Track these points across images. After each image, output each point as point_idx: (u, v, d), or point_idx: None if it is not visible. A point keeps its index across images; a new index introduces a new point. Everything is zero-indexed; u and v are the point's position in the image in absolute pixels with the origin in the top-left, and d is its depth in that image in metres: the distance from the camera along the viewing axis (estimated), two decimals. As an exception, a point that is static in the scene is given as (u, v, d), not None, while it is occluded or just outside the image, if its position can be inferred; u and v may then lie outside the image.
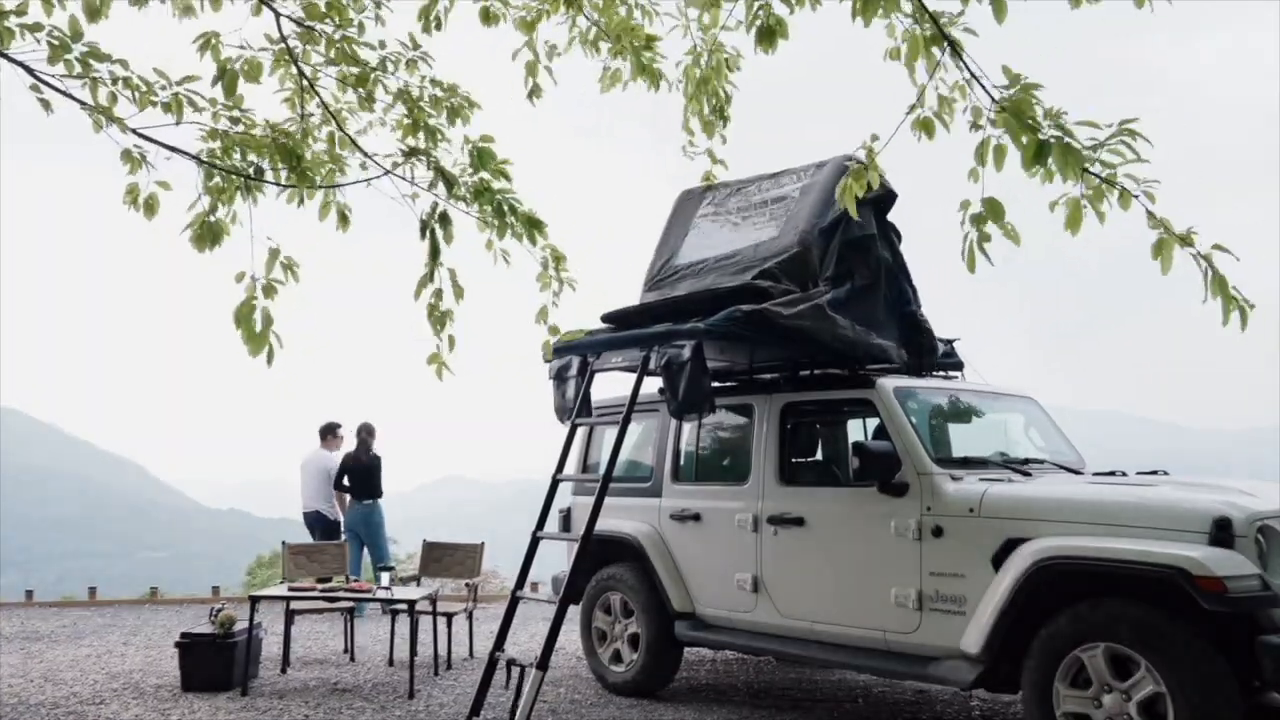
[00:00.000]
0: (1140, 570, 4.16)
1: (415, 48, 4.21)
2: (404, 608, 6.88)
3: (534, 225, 4.21)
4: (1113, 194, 3.13)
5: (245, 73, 4.02)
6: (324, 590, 7.13)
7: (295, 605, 7.48)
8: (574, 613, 6.58)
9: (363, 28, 4.11)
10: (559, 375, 6.41)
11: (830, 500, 5.57)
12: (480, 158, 4.12)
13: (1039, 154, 3.05)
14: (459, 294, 4.26)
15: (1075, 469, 5.68)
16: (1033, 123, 3.06)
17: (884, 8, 3.24)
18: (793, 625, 5.62)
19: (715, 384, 6.06)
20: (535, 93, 4.87)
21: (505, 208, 4.13)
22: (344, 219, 4.40)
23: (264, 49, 4.06)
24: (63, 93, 3.71)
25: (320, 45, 4.06)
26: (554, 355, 6.43)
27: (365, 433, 10.00)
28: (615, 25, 4.54)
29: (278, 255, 3.99)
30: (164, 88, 3.89)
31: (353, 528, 9.88)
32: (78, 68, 3.70)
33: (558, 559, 7.16)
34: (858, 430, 6.21)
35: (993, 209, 3.21)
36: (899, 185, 5.81)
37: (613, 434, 6.02)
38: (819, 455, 6.46)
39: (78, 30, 3.67)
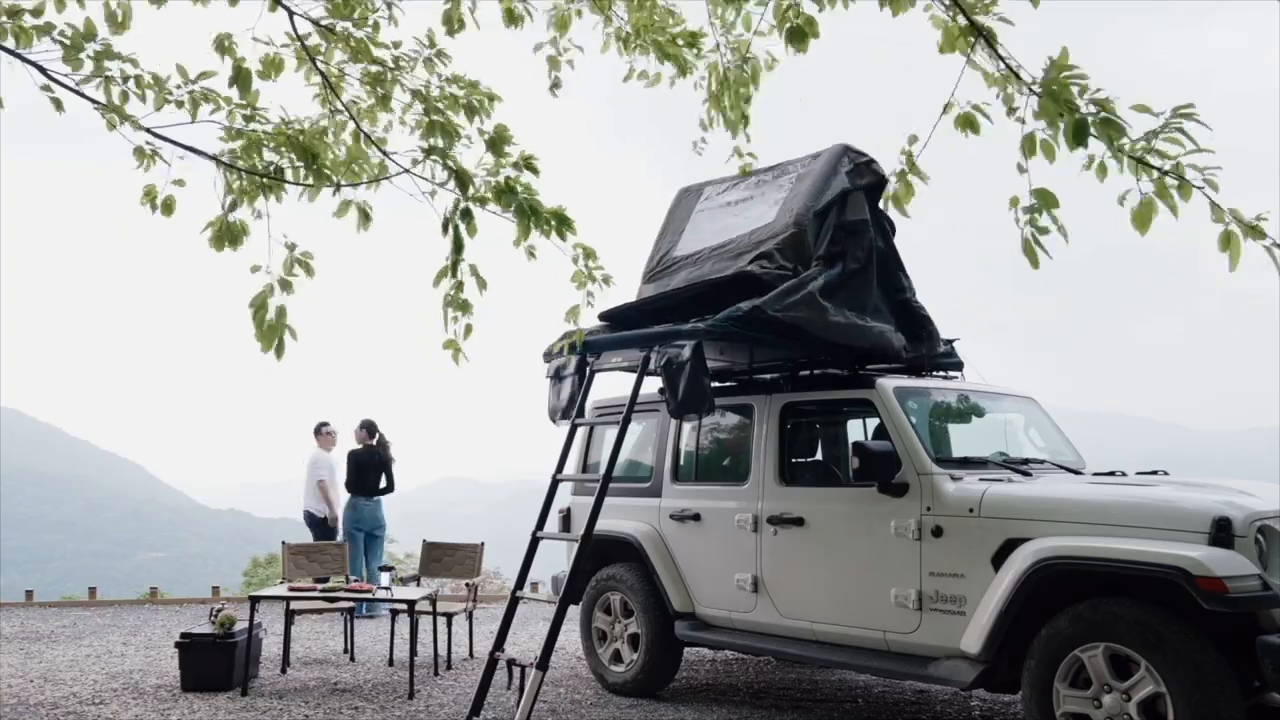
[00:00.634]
0: (1140, 570, 4.16)
1: (432, 46, 4.20)
2: (404, 608, 6.88)
3: (564, 222, 4.18)
4: (1173, 185, 2.99)
5: (264, 70, 4.02)
6: (324, 590, 7.12)
7: (295, 605, 7.49)
8: (574, 613, 6.58)
9: (378, 27, 4.10)
10: (556, 375, 6.41)
11: (830, 500, 5.57)
12: (495, 145, 4.09)
13: (1079, 132, 2.95)
14: (482, 285, 4.23)
15: (1075, 469, 5.68)
16: (1070, 102, 2.97)
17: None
18: (793, 625, 5.62)
19: (715, 384, 6.06)
20: (556, 85, 4.85)
21: (528, 208, 4.11)
22: (365, 217, 4.39)
23: (285, 45, 4.06)
24: (76, 92, 3.71)
25: (339, 45, 4.06)
26: (554, 355, 6.45)
27: (366, 431, 10.00)
28: (640, 24, 4.52)
29: (294, 250, 3.99)
30: (179, 85, 3.88)
31: (360, 525, 9.84)
32: (90, 66, 3.69)
33: (558, 559, 7.16)
34: (858, 430, 6.21)
35: (1045, 199, 3.10)
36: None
37: (613, 434, 6.02)
38: (819, 455, 6.47)
39: (91, 30, 3.67)
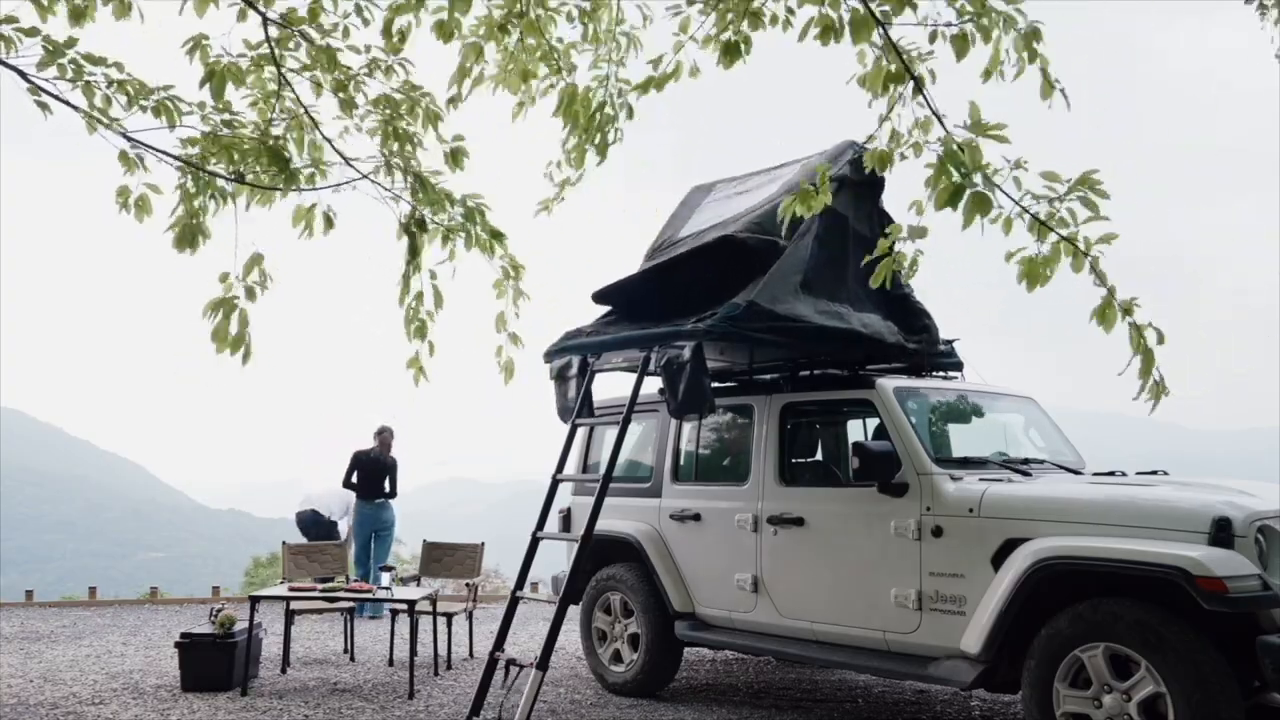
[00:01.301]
0: (1140, 570, 4.16)
1: (396, 53, 4.20)
2: (404, 608, 6.89)
3: (495, 236, 4.25)
4: (1069, 255, 3.22)
5: (233, 71, 4.02)
6: (324, 590, 7.13)
7: (295, 605, 7.49)
8: (574, 613, 6.58)
9: (347, 32, 4.10)
10: (560, 375, 6.41)
11: (830, 500, 5.57)
12: (455, 157, 4.14)
13: (954, 197, 3.16)
14: (439, 301, 4.28)
15: (1075, 469, 5.68)
16: (964, 170, 3.14)
17: (855, 37, 3.30)
18: (793, 625, 5.62)
19: (715, 384, 6.06)
20: (452, 102, 4.76)
21: (476, 215, 4.15)
22: (328, 221, 4.38)
23: (242, 54, 4.06)
24: (56, 97, 3.72)
25: (300, 51, 4.05)
26: (554, 356, 6.45)
27: (388, 434, 10.03)
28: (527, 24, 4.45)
29: (260, 260, 3.99)
30: (149, 94, 3.90)
31: (366, 525, 9.86)
32: (70, 72, 3.71)
33: (558, 559, 7.16)
34: (858, 430, 6.21)
35: (915, 233, 3.40)
36: (901, 184, 5.82)
37: (613, 434, 6.03)
38: (819, 455, 6.47)
39: (72, 38, 3.69)
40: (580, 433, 6.77)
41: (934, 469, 5.05)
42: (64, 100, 3.74)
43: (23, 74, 3.66)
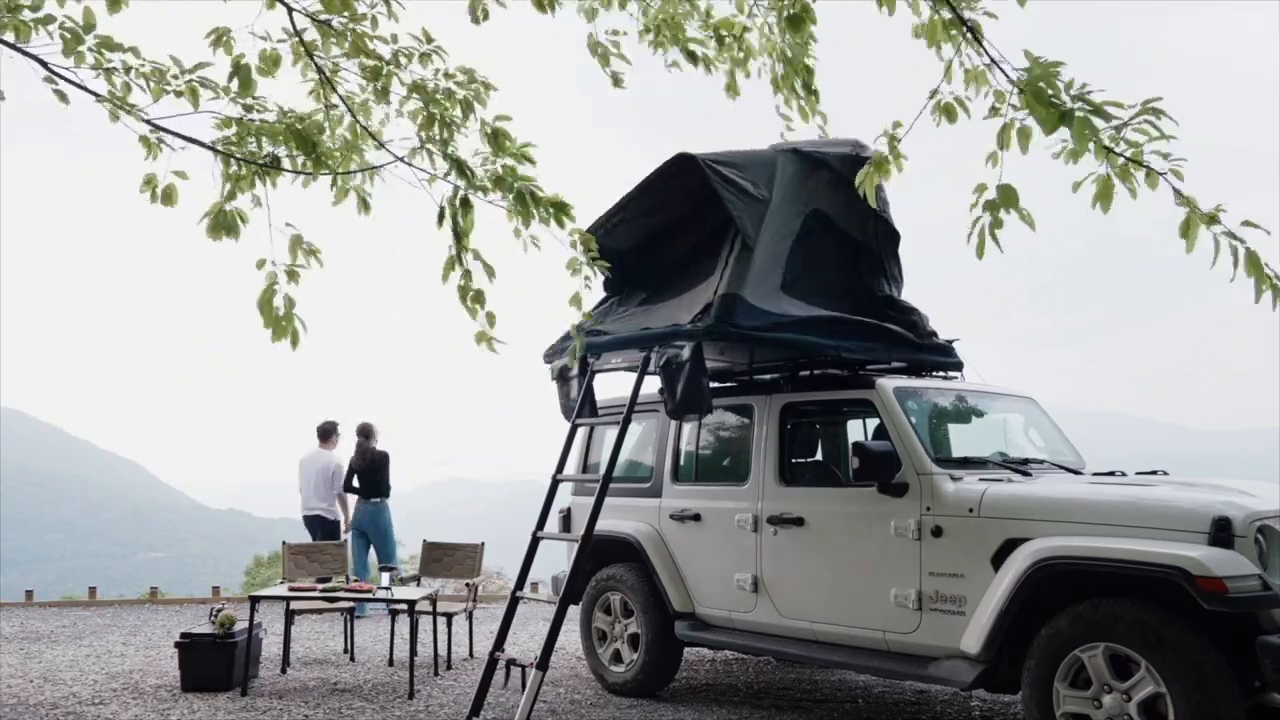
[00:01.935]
0: (1140, 570, 4.16)
1: (429, 41, 4.20)
2: (404, 608, 6.88)
3: (561, 209, 4.17)
4: (1139, 174, 3.08)
5: (262, 66, 4.02)
6: (324, 590, 7.13)
7: (295, 605, 7.49)
8: (574, 613, 6.58)
9: (375, 22, 4.10)
10: (561, 375, 6.41)
11: (830, 500, 5.57)
12: (496, 139, 4.09)
13: (1061, 120, 3.01)
14: (490, 273, 4.22)
15: (1075, 469, 5.68)
16: (1055, 99, 3.03)
17: None
18: (793, 625, 5.62)
19: (715, 384, 6.07)
20: (617, 81, 4.80)
21: (527, 196, 4.10)
22: (364, 204, 4.38)
23: (281, 40, 4.06)
24: (78, 85, 3.71)
25: (335, 39, 4.06)
26: (555, 356, 6.45)
27: (362, 434, 9.98)
28: (662, 15, 4.49)
29: (300, 241, 3.99)
30: (177, 76, 3.88)
31: (360, 527, 9.87)
32: (91, 59, 3.70)
33: (558, 559, 7.16)
34: (857, 430, 6.21)
35: (1006, 196, 3.18)
36: (903, 183, 5.83)
37: (613, 434, 6.03)
38: (819, 455, 6.47)
39: (91, 22, 3.67)
40: (580, 433, 6.77)
41: (934, 469, 5.05)
42: (86, 88, 3.73)
43: (43, 63, 3.65)
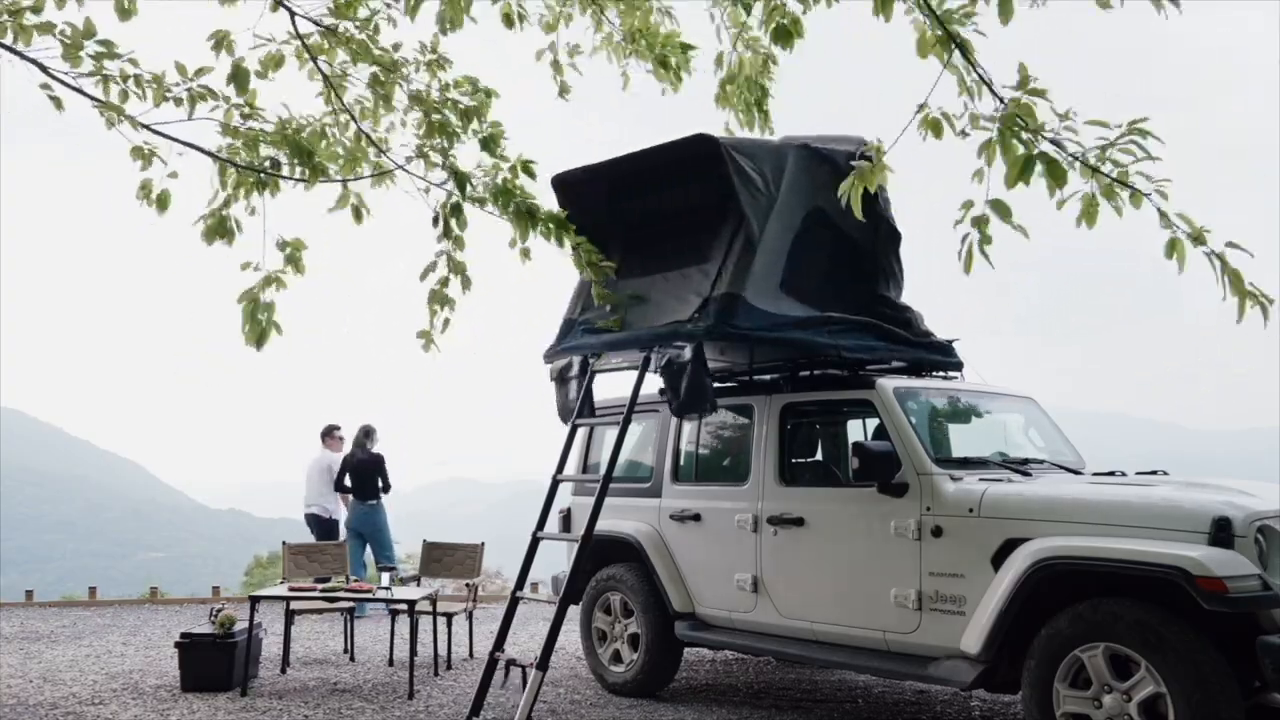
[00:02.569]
0: (1140, 570, 4.16)
1: (433, 51, 4.23)
2: (404, 608, 6.88)
3: (561, 226, 4.21)
4: (1124, 192, 3.12)
5: (263, 68, 4.04)
6: (324, 590, 7.13)
7: (295, 605, 7.48)
8: (574, 613, 6.58)
9: (378, 29, 4.12)
10: (560, 376, 6.40)
11: (830, 500, 5.56)
12: (489, 144, 4.12)
13: (1025, 170, 3.07)
14: (466, 284, 4.27)
15: (1075, 469, 5.68)
16: (1027, 135, 3.07)
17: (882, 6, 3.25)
18: (793, 625, 5.62)
19: (715, 384, 6.06)
20: (564, 90, 4.87)
21: (525, 210, 4.13)
22: (358, 214, 4.41)
23: (285, 42, 4.08)
24: (76, 90, 3.72)
25: (341, 46, 4.08)
26: (555, 356, 6.44)
27: (363, 435, 10.02)
28: (630, 28, 4.53)
29: (286, 248, 4.02)
30: (178, 83, 3.90)
31: (356, 527, 9.89)
32: (90, 65, 3.71)
33: (558, 559, 7.15)
34: (857, 430, 6.21)
35: (1000, 210, 3.19)
36: (902, 184, 5.83)
37: (613, 434, 6.02)
38: (819, 455, 6.47)
39: (91, 29, 3.68)
40: (580, 433, 6.76)
41: (934, 469, 5.05)
42: (85, 94, 3.74)
43: (43, 67, 3.65)
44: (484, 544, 8.17)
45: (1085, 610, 4.30)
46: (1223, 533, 4.07)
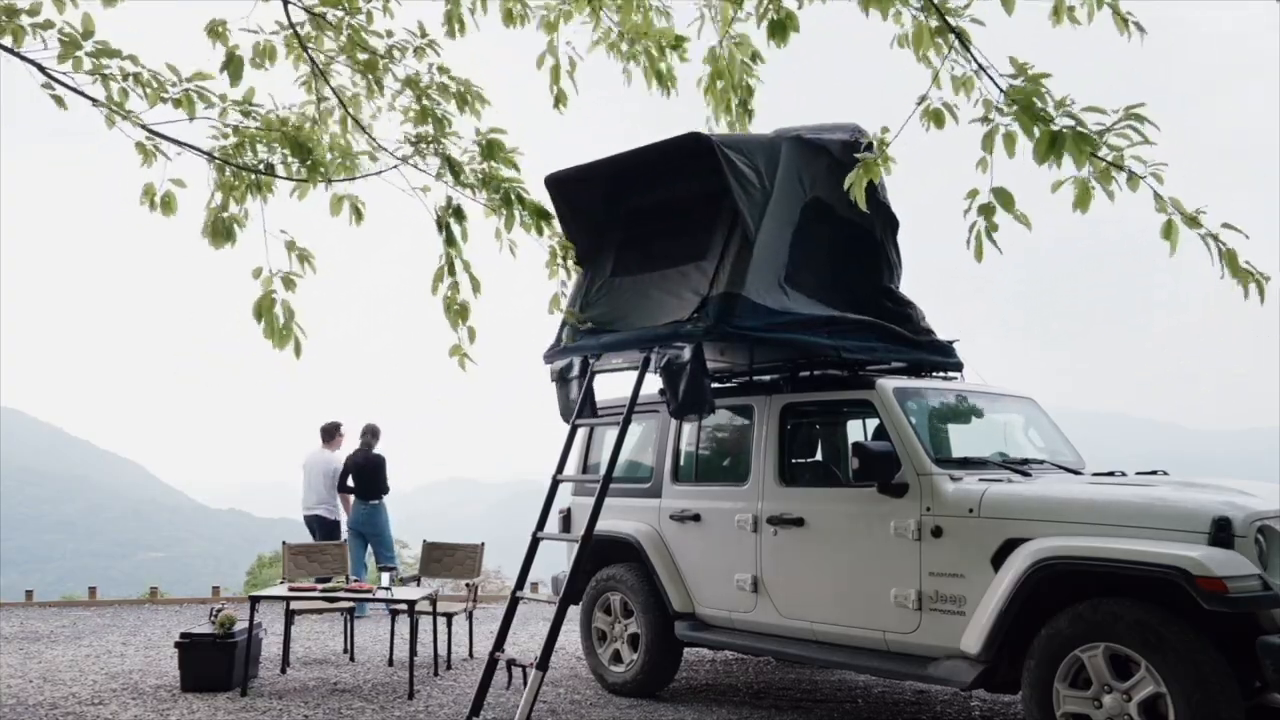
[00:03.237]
0: (1140, 570, 4.16)
1: (423, 35, 4.22)
2: (404, 608, 6.88)
3: (542, 215, 4.21)
4: (1120, 176, 3.14)
5: (256, 59, 4.05)
6: (324, 590, 7.13)
7: (295, 605, 7.48)
8: (574, 613, 6.58)
9: (370, 17, 4.12)
10: (561, 376, 6.40)
11: (830, 501, 5.56)
12: (490, 149, 4.12)
13: (1053, 145, 3.06)
14: (476, 286, 4.27)
15: (1075, 469, 5.68)
16: (1044, 113, 3.06)
17: None
18: (793, 625, 5.62)
19: (715, 384, 6.06)
20: (561, 100, 4.86)
21: (513, 196, 4.13)
22: (358, 213, 4.41)
23: (275, 32, 4.08)
24: (75, 90, 3.72)
25: (330, 33, 4.08)
26: (555, 357, 6.44)
27: (369, 434, 10.02)
28: (631, 29, 4.54)
29: (294, 248, 4.02)
30: (174, 84, 3.90)
31: (357, 528, 9.89)
32: (88, 64, 3.71)
33: (558, 559, 7.15)
34: (857, 431, 6.21)
35: (1003, 198, 3.21)
36: (900, 183, 5.83)
37: (613, 435, 6.02)
38: (819, 456, 6.47)
39: (89, 28, 3.69)
40: (580, 433, 6.76)
41: (934, 469, 5.05)
42: (84, 94, 3.74)
43: (41, 67, 3.65)
44: (484, 544, 8.17)
45: (1085, 610, 4.30)
46: (1223, 533, 4.07)
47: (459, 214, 4.19)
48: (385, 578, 7.03)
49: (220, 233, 4.10)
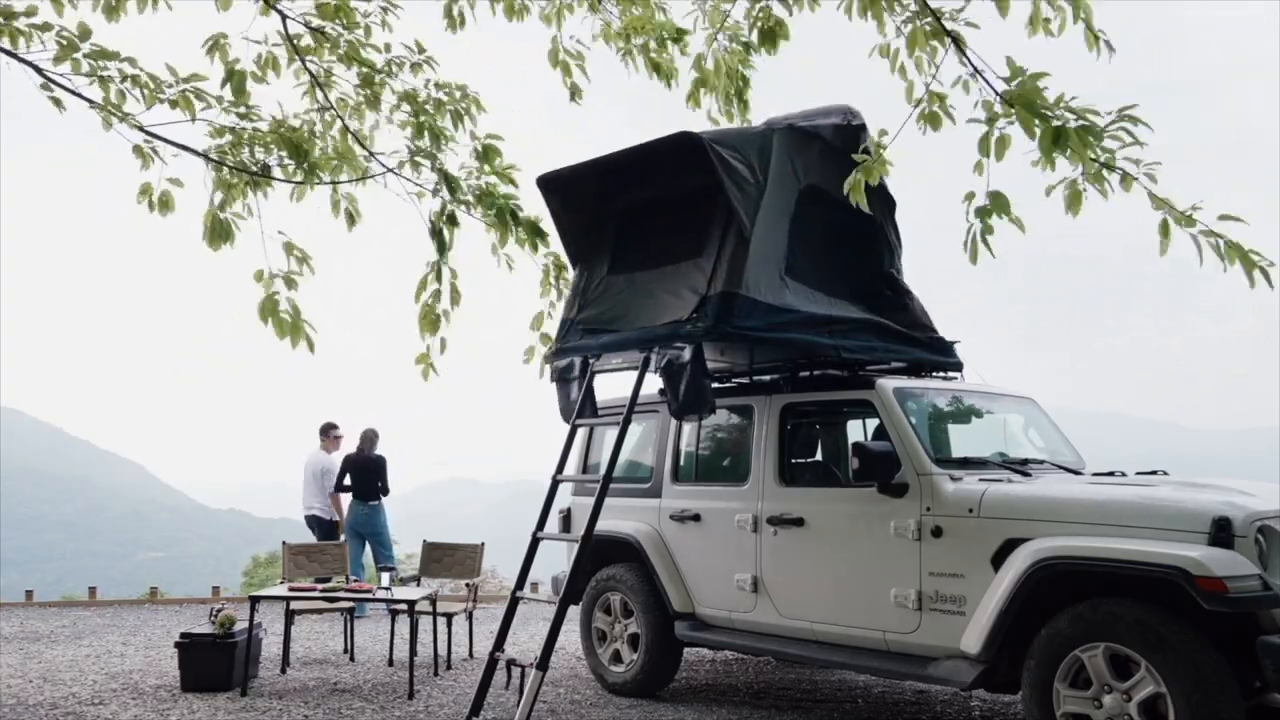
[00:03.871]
0: (1140, 570, 4.16)
1: (421, 52, 4.24)
2: (404, 608, 6.88)
3: (537, 233, 4.23)
4: (1113, 177, 3.15)
5: (258, 70, 4.05)
6: (324, 590, 7.13)
7: (295, 605, 7.48)
8: (574, 613, 6.58)
9: (369, 31, 4.13)
10: (561, 377, 6.39)
11: (830, 501, 5.56)
12: (486, 154, 4.13)
13: (1056, 140, 3.06)
14: (456, 298, 4.29)
15: (1075, 469, 5.68)
16: (1045, 110, 3.06)
17: (885, 4, 3.26)
18: (792, 625, 5.62)
19: (715, 385, 6.06)
20: (576, 93, 4.87)
21: (509, 214, 4.15)
22: (350, 217, 4.42)
23: (277, 44, 4.09)
24: (72, 92, 3.74)
25: (328, 46, 4.09)
26: (556, 357, 6.44)
27: (366, 440, 10.03)
28: (631, 21, 4.55)
29: (292, 249, 4.03)
30: (171, 85, 3.91)
31: (355, 528, 9.89)
32: (86, 66, 3.72)
33: (558, 559, 7.15)
34: (857, 431, 6.21)
35: (998, 202, 3.22)
36: (899, 184, 5.83)
37: (613, 435, 6.02)
38: (819, 456, 6.46)
39: (86, 31, 3.69)
40: (580, 433, 6.76)
41: (934, 469, 5.05)
42: (81, 95, 3.76)
43: (39, 69, 3.67)
44: (484, 544, 8.17)
45: (1085, 610, 4.30)
46: (1223, 533, 4.07)
47: (452, 219, 4.20)
48: (385, 578, 7.02)
49: (219, 234, 4.11)
